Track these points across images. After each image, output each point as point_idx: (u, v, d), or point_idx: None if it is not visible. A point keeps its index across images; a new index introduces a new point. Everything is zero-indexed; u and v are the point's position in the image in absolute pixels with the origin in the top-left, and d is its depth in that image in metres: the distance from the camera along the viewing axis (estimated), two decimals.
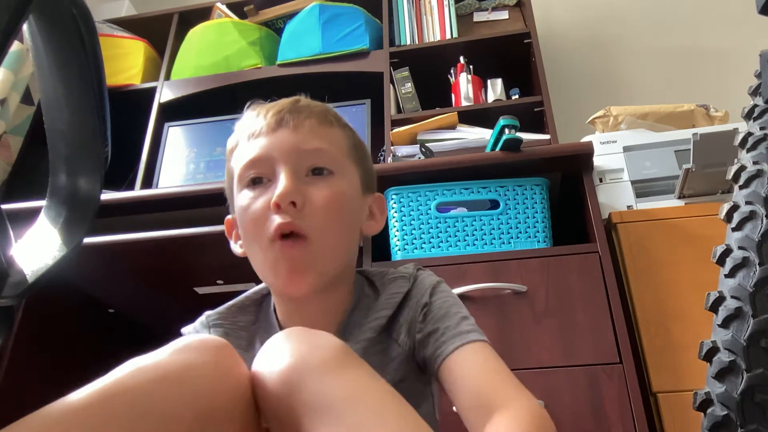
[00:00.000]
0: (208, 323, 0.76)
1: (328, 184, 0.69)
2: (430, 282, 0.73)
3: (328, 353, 0.53)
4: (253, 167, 0.69)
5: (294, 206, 0.66)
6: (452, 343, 0.65)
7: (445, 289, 0.74)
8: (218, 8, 2.07)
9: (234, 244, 0.77)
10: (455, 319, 0.68)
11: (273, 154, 0.69)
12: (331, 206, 0.68)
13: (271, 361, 0.54)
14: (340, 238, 0.71)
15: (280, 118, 0.71)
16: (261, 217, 0.67)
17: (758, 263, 0.52)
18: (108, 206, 1.37)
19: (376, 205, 0.79)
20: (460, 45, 1.83)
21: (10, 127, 1.86)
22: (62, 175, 0.49)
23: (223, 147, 1.81)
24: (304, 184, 0.68)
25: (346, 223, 0.71)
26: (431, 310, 0.70)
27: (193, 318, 0.80)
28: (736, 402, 0.50)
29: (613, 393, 1.04)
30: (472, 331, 0.66)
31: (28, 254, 0.45)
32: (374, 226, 0.78)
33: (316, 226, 0.67)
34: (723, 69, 2.00)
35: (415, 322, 0.70)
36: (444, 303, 0.70)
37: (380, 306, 0.72)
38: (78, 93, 0.47)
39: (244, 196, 0.70)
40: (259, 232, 0.67)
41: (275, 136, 0.70)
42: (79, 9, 0.45)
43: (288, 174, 0.67)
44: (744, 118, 0.61)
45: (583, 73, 2.14)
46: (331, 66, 1.85)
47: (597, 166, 1.38)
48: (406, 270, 0.75)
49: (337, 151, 0.72)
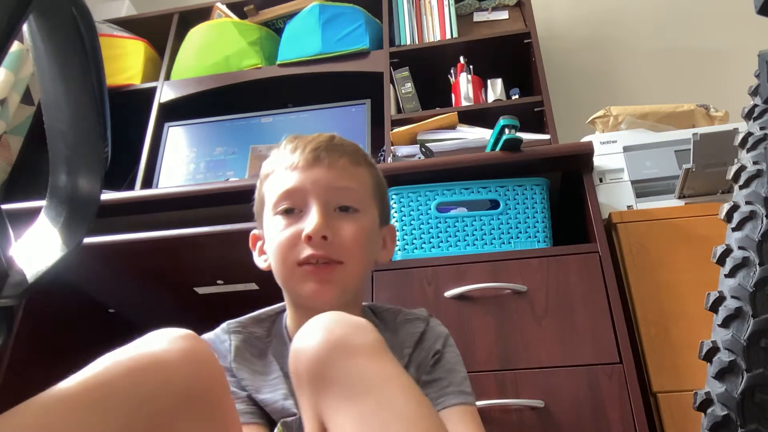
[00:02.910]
0: (229, 329, 0.82)
1: (354, 221, 0.78)
2: (441, 332, 0.83)
3: (364, 337, 0.57)
4: (288, 198, 0.78)
5: (325, 239, 0.75)
6: (455, 398, 0.74)
7: (453, 343, 0.84)
8: (218, 8, 2.07)
9: (258, 257, 0.86)
10: (459, 377, 0.78)
11: (307, 188, 0.78)
12: (356, 241, 0.77)
13: (310, 337, 0.57)
14: (363, 265, 0.80)
15: (317, 156, 0.79)
16: (292, 244, 0.76)
17: (758, 263, 0.52)
18: (108, 206, 1.37)
19: (389, 235, 0.88)
20: (460, 45, 1.83)
21: (10, 127, 1.86)
22: (62, 175, 0.49)
23: (222, 147, 1.83)
24: (332, 218, 0.77)
25: (366, 254, 0.81)
26: (442, 361, 0.79)
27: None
28: (736, 402, 0.50)
29: (613, 393, 1.04)
30: (471, 394, 0.77)
31: (28, 254, 0.45)
32: (386, 255, 0.87)
33: (345, 254, 0.76)
34: (723, 69, 2.00)
35: (425, 365, 0.78)
36: (453, 358, 0.80)
37: (402, 343, 0.80)
38: (78, 93, 0.47)
39: (277, 222, 0.78)
40: (287, 256, 0.76)
41: (312, 173, 0.78)
42: (79, 9, 0.45)
43: (320, 209, 0.76)
44: (744, 118, 0.61)
45: (583, 73, 2.14)
46: (331, 66, 1.85)
47: (597, 166, 1.38)
48: (420, 313, 0.85)
49: (363, 191, 0.82)
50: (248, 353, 0.79)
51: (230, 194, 1.33)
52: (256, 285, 1.44)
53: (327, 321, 0.59)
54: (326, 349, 0.55)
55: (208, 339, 0.80)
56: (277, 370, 0.76)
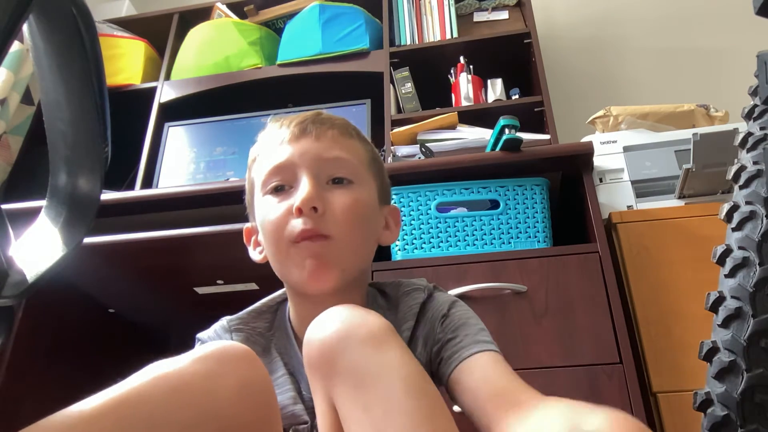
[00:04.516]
0: (230, 328, 0.76)
1: (348, 192, 0.72)
2: (447, 299, 0.75)
3: (374, 328, 0.56)
4: (277, 174, 0.72)
5: (315, 211, 0.68)
6: (471, 348, 0.66)
7: (463, 305, 0.75)
8: (218, 8, 2.07)
9: (253, 251, 0.80)
10: (474, 329, 0.69)
11: (295, 161, 0.72)
12: (351, 212, 0.70)
13: (322, 329, 0.57)
14: (362, 240, 0.73)
15: (303, 128, 0.74)
16: (283, 221, 0.69)
17: (758, 263, 0.52)
18: (108, 206, 1.37)
19: (391, 217, 0.81)
20: (460, 45, 1.83)
21: (10, 127, 1.86)
22: (62, 175, 0.48)
23: (222, 147, 1.83)
24: (324, 191, 0.71)
25: (365, 228, 0.74)
26: (450, 321, 0.71)
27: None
28: (736, 402, 0.50)
29: (613, 393, 1.04)
30: (491, 342, 0.68)
31: (28, 254, 0.45)
32: (390, 237, 0.80)
33: (338, 228, 0.69)
34: (723, 69, 2.00)
35: (432, 334, 0.71)
36: (463, 314, 0.72)
37: (401, 318, 0.73)
38: (78, 93, 0.47)
39: (267, 201, 0.72)
40: (281, 235, 0.70)
41: (298, 144, 0.73)
42: (79, 9, 0.45)
43: (310, 180, 0.70)
44: (744, 118, 0.61)
45: (583, 73, 2.14)
46: (331, 66, 1.85)
47: (597, 166, 1.38)
48: (420, 282, 0.78)
49: (357, 162, 0.75)
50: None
51: (230, 194, 1.33)
52: (256, 285, 1.44)
53: (338, 312, 0.58)
54: (336, 339, 0.55)
55: (207, 338, 0.76)
56: (282, 368, 0.73)
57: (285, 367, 0.73)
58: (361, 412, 0.51)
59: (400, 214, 0.84)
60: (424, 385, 0.54)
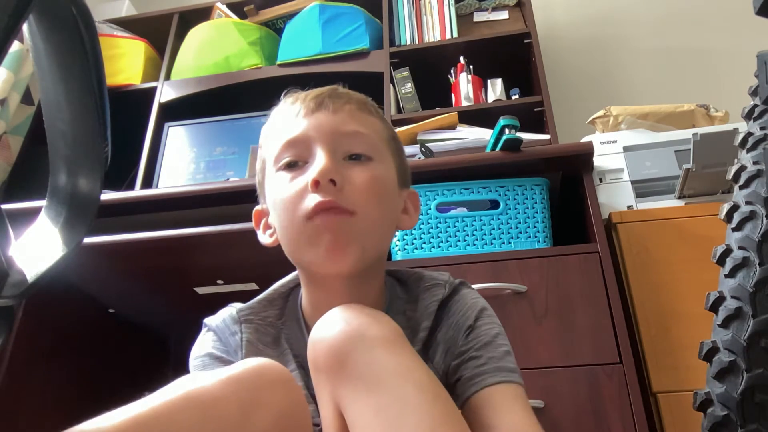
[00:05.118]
0: (239, 318, 0.71)
1: (367, 168, 0.67)
2: (475, 303, 0.70)
3: (382, 329, 0.55)
4: (291, 148, 0.67)
5: (333, 184, 0.63)
6: (494, 376, 0.62)
7: (492, 314, 0.71)
8: (218, 8, 2.07)
9: (263, 234, 0.74)
10: (500, 351, 0.65)
11: (311, 134, 0.67)
12: (371, 188, 0.65)
13: (328, 328, 0.55)
14: (382, 217, 0.67)
15: (320, 102, 0.69)
16: (298, 197, 0.64)
17: (758, 263, 0.52)
18: (108, 206, 1.37)
19: (411, 201, 0.76)
20: (460, 45, 1.84)
21: (10, 127, 1.86)
22: (62, 175, 0.48)
23: (222, 147, 1.83)
24: (342, 166, 0.65)
25: (385, 206, 0.68)
26: (476, 335, 0.67)
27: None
28: (736, 402, 0.50)
29: (613, 393, 1.04)
30: (514, 371, 0.64)
31: (28, 254, 0.45)
32: (409, 221, 0.75)
33: (360, 203, 0.64)
34: (723, 69, 2.00)
35: (455, 346, 0.67)
36: (491, 330, 0.68)
37: (419, 317, 0.69)
38: (78, 93, 0.47)
39: (280, 177, 0.67)
40: (294, 212, 0.64)
41: (314, 118, 0.68)
42: (79, 9, 0.45)
43: (327, 153, 0.65)
44: (744, 118, 0.61)
45: (583, 73, 2.14)
46: (331, 66, 1.85)
47: (597, 166, 1.38)
48: (441, 277, 0.73)
49: (376, 138, 0.70)
50: (261, 344, 0.69)
51: (230, 194, 1.33)
52: (256, 285, 1.44)
53: (345, 312, 0.56)
54: (344, 340, 0.53)
55: (215, 328, 0.71)
56: (292, 361, 0.68)
57: (295, 360, 0.68)
58: (373, 415, 0.50)
59: (419, 199, 0.78)
60: (438, 389, 0.53)
